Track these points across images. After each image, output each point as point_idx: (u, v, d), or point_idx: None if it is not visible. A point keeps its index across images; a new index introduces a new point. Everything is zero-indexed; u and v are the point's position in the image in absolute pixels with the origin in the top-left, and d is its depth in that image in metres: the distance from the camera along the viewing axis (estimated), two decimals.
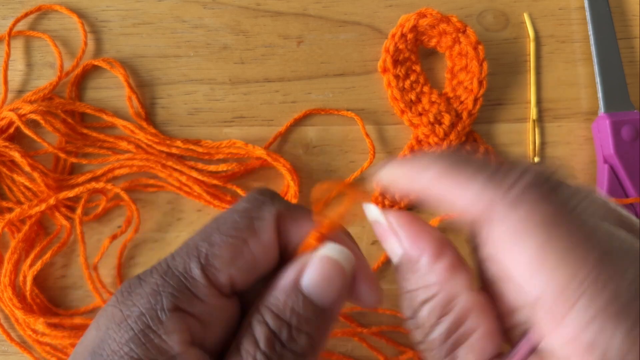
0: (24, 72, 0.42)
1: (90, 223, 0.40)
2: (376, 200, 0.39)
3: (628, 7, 0.43)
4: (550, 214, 0.17)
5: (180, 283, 0.21)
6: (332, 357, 0.38)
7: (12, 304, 0.38)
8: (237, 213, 0.23)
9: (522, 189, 0.18)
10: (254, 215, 0.23)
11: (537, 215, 0.17)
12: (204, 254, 0.22)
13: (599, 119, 0.40)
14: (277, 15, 0.43)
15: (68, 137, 0.40)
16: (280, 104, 0.42)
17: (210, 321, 0.22)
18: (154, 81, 0.42)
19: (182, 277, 0.21)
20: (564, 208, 0.18)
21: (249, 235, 0.22)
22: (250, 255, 0.22)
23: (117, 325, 0.21)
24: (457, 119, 0.39)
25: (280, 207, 0.23)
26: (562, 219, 0.17)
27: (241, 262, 0.22)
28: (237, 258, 0.22)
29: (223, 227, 0.22)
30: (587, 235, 0.17)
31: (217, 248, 0.22)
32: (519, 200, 0.18)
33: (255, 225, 0.23)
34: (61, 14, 0.43)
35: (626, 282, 0.16)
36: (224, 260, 0.22)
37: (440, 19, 0.39)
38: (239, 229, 0.22)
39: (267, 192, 0.24)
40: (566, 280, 0.16)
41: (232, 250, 0.22)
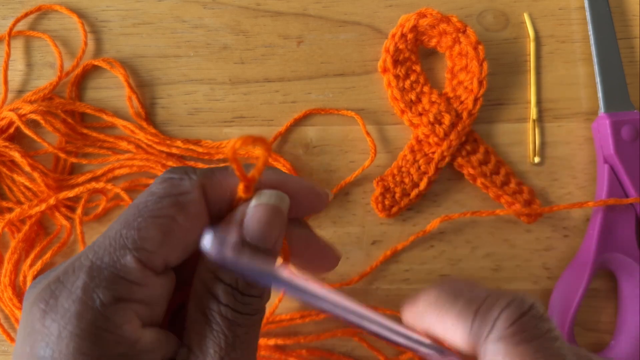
0: (24, 72, 0.42)
1: (90, 223, 0.40)
2: (376, 200, 0.39)
3: (628, 7, 0.43)
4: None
5: (112, 275, 0.21)
6: (332, 357, 0.38)
7: (12, 304, 0.38)
8: (155, 195, 0.22)
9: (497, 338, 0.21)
10: (174, 192, 0.22)
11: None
12: (131, 240, 0.21)
13: (599, 119, 0.40)
14: (277, 15, 0.43)
15: (68, 137, 0.40)
16: (280, 104, 0.42)
17: (153, 301, 0.22)
18: (154, 81, 0.42)
19: (112, 269, 0.21)
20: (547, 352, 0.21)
21: (175, 212, 0.22)
22: (181, 232, 0.22)
23: (58, 338, 0.20)
24: (457, 119, 0.39)
25: (200, 176, 0.23)
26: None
27: (173, 240, 0.22)
28: (168, 237, 0.22)
29: (145, 211, 0.22)
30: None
31: (145, 231, 0.21)
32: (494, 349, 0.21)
33: (180, 200, 0.22)
34: (61, 14, 0.43)
35: None
36: (155, 242, 0.21)
37: (440, 19, 0.39)
38: (163, 207, 0.22)
39: (179, 169, 0.24)
40: None
41: (162, 230, 0.22)
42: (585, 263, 0.38)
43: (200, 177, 0.24)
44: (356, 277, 0.39)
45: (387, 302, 0.39)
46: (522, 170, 0.41)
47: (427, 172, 0.39)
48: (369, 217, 0.40)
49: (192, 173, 0.24)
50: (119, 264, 0.21)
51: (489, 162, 0.40)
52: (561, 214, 0.40)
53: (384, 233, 0.40)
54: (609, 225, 0.38)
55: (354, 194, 0.40)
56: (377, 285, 0.39)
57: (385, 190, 0.39)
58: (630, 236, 0.38)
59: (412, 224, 0.40)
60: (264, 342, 0.38)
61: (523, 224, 0.40)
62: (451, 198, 0.40)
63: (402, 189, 0.39)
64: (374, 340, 0.39)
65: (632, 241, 0.38)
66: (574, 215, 0.40)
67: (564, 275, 0.39)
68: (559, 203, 0.40)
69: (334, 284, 0.39)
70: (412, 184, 0.40)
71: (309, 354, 0.38)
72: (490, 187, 0.39)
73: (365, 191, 0.40)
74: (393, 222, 0.40)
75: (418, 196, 0.40)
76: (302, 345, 0.39)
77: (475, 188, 0.40)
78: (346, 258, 0.40)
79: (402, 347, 0.23)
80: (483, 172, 0.39)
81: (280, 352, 0.38)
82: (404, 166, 0.40)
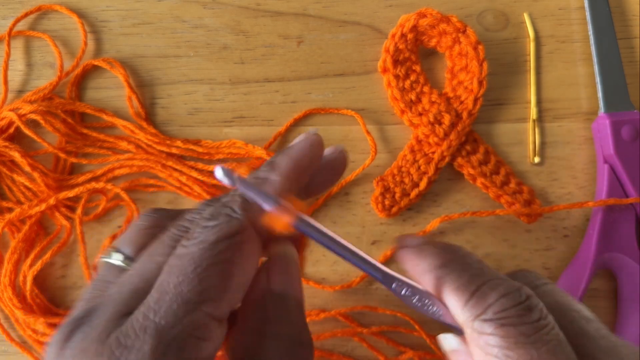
0: (24, 72, 0.42)
1: (90, 223, 0.40)
2: (376, 200, 0.39)
3: (628, 7, 0.43)
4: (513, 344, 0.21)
5: (181, 334, 0.19)
6: (332, 357, 0.38)
7: (12, 304, 0.38)
8: (207, 242, 0.21)
9: (486, 319, 0.21)
10: (226, 234, 0.22)
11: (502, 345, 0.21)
12: (195, 292, 0.20)
13: (599, 119, 0.40)
14: (277, 15, 0.43)
15: (68, 137, 0.40)
16: (280, 104, 0.42)
17: (216, 352, 0.21)
18: (154, 81, 0.42)
19: (181, 326, 0.19)
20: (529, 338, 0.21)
21: (233, 255, 0.21)
22: (241, 273, 0.22)
23: None
24: (457, 119, 0.39)
25: (248, 212, 0.23)
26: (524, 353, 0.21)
27: (235, 284, 0.21)
28: (230, 282, 0.21)
29: (202, 260, 0.21)
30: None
31: (208, 281, 0.20)
32: (489, 327, 0.21)
33: (235, 242, 0.22)
34: (61, 14, 0.43)
35: None
36: (220, 290, 0.21)
37: (440, 19, 0.39)
38: (221, 253, 0.21)
39: (223, 206, 0.23)
40: None
41: (224, 277, 0.21)
42: (585, 263, 0.38)
43: (249, 212, 0.23)
44: (356, 278, 0.39)
45: (388, 303, 0.39)
46: (522, 170, 0.41)
47: (427, 172, 0.39)
48: (369, 217, 0.40)
49: (238, 208, 0.23)
50: (187, 320, 0.20)
51: (489, 162, 0.40)
52: (561, 214, 0.40)
53: (384, 233, 0.40)
54: (609, 225, 0.38)
55: (354, 194, 0.40)
56: (376, 285, 0.39)
57: (385, 190, 0.39)
58: (630, 236, 0.38)
59: (412, 224, 0.40)
60: None
61: (523, 224, 0.40)
62: (451, 198, 0.40)
63: (402, 189, 0.39)
64: (374, 341, 0.39)
65: (632, 241, 0.38)
66: (574, 215, 0.40)
67: (564, 275, 0.39)
68: (559, 203, 0.40)
69: (335, 285, 0.39)
70: (412, 184, 0.40)
71: None
72: (490, 187, 0.39)
73: (365, 191, 0.40)
74: (393, 222, 0.40)
75: (418, 196, 0.40)
76: None
77: (475, 188, 0.40)
78: None
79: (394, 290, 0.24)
80: (483, 172, 0.39)
81: None
82: (404, 166, 0.40)
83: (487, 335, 0.21)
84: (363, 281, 0.39)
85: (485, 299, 0.22)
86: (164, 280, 0.20)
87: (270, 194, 0.23)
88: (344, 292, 0.39)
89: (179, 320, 0.19)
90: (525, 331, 0.21)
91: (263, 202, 0.22)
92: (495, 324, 0.21)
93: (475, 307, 0.22)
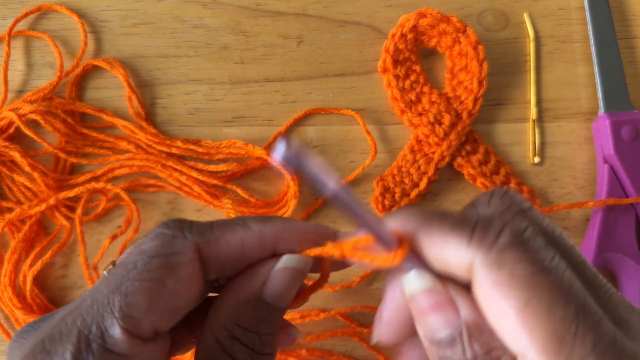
0: (24, 72, 0.42)
1: (90, 223, 0.40)
2: (376, 200, 0.39)
3: (628, 7, 0.43)
4: (529, 274, 0.18)
5: (99, 348, 0.19)
6: (332, 357, 0.38)
7: (12, 304, 0.38)
8: (145, 254, 0.21)
9: (501, 250, 0.19)
10: (165, 251, 0.21)
11: (517, 278, 0.18)
12: (117, 307, 0.20)
13: (599, 119, 0.40)
14: (277, 15, 0.43)
15: (68, 137, 0.40)
16: (280, 104, 0.42)
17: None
18: (154, 81, 0.42)
19: (100, 341, 0.19)
20: (541, 268, 0.19)
21: (165, 274, 0.21)
22: (171, 296, 0.21)
23: None
24: (457, 119, 0.39)
25: (195, 235, 0.22)
26: (540, 280, 0.18)
27: (162, 305, 0.21)
28: (156, 303, 0.20)
29: (133, 273, 0.21)
30: (564, 293, 0.18)
31: (132, 296, 0.20)
32: (499, 261, 0.19)
33: (170, 261, 0.21)
34: (61, 14, 0.43)
35: (602, 332, 0.18)
36: (142, 309, 0.20)
37: (440, 19, 0.39)
38: (151, 270, 0.21)
39: (175, 223, 0.22)
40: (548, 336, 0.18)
41: (149, 296, 0.20)
42: None
43: (196, 235, 0.22)
44: (356, 278, 0.39)
45: None
46: (522, 170, 0.41)
47: (427, 172, 0.39)
48: None
49: (187, 230, 0.22)
50: (107, 335, 0.20)
51: (489, 162, 0.40)
52: (561, 214, 0.40)
53: None
54: (609, 225, 0.38)
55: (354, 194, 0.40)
56: (376, 285, 0.39)
57: (385, 190, 0.39)
58: (630, 236, 0.38)
59: None
60: None
61: None
62: (451, 198, 0.40)
63: (402, 189, 0.39)
64: None
65: (632, 241, 0.38)
66: (574, 215, 0.40)
67: None
68: (559, 203, 0.40)
69: (335, 286, 0.39)
70: (412, 184, 0.40)
71: (308, 354, 0.38)
72: (490, 187, 0.39)
73: (365, 191, 0.40)
74: None
75: (418, 196, 0.40)
76: (302, 345, 0.39)
77: (475, 188, 0.40)
78: None
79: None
80: (483, 172, 0.39)
81: (280, 352, 0.38)
82: (404, 166, 0.40)
83: (511, 265, 0.19)
84: (363, 281, 0.39)
85: (489, 230, 0.19)
86: (99, 285, 0.21)
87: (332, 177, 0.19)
88: (344, 292, 0.39)
89: (100, 334, 0.20)
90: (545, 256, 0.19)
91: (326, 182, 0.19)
92: (517, 249, 0.19)
93: (484, 239, 0.19)
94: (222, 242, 0.22)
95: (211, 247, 0.22)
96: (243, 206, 0.39)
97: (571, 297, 0.18)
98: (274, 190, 0.41)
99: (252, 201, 0.40)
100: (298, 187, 0.39)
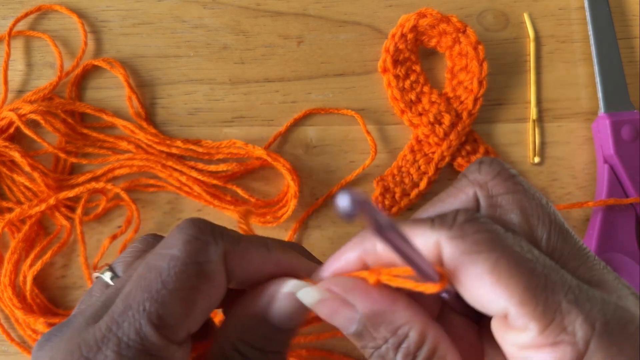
0: (24, 72, 0.42)
1: (90, 223, 0.40)
2: (376, 200, 0.39)
3: (628, 7, 0.43)
4: (490, 238, 0.20)
5: (139, 352, 0.20)
6: (332, 357, 0.38)
7: (12, 304, 0.38)
8: (179, 260, 0.21)
9: (460, 225, 0.21)
10: (200, 259, 0.21)
11: (481, 243, 0.20)
12: (155, 315, 0.20)
13: (599, 119, 0.40)
14: (277, 15, 0.43)
15: (68, 137, 0.40)
16: (280, 104, 0.42)
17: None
18: (154, 81, 0.42)
19: (140, 346, 0.20)
20: (499, 235, 0.20)
21: (200, 282, 0.21)
22: (205, 301, 0.22)
23: None
24: (457, 119, 0.39)
25: (227, 244, 0.22)
26: (503, 242, 0.20)
27: (197, 311, 0.21)
28: (191, 309, 0.21)
29: (169, 281, 0.21)
30: (525, 252, 0.20)
31: (170, 306, 0.20)
32: (461, 232, 0.20)
33: (205, 269, 0.21)
34: (61, 14, 0.43)
35: (567, 281, 0.20)
36: (179, 317, 0.21)
37: (440, 19, 0.39)
38: (189, 278, 0.21)
39: (207, 228, 0.22)
40: (523, 289, 0.19)
41: (186, 305, 0.21)
42: None
43: (227, 244, 0.22)
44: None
45: None
46: (522, 170, 0.41)
47: (427, 172, 0.39)
48: None
49: (219, 237, 0.22)
50: (146, 341, 0.20)
51: None
52: (561, 214, 0.40)
53: None
54: (609, 225, 0.38)
55: None
56: None
57: (385, 190, 0.39)
58: (630, 236, 0.38)
59: None
60: None
61: None
62: None
63: (402, 189, 0.39)
64: None
65: (632, 241, 0.38)
66: (574, 215, 0.40)
67: None
68: (559, 203, 0.40)
69: None
70: (412, 184, 0.40)
71: (309, 354, 0.38)
72: None
73: (365, 191, 0.40)
74: None
75: (418, 196, 0.40)
76: (302, 345, 0.39)
77: None
78: None
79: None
80: None
81: None
82: (404, 166, 0.40)
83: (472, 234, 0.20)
84: None
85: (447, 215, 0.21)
86: (131, 291, 0.21)
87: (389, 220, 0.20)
88: None
89: (139, 339, 0.20)
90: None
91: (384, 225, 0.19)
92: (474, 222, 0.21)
93: (444, 221, 0.21)
94: (247, 256, 0.23)
95: (237, 258, 0.23)
96: (244, 206, 0.39)
97: (533, 256, 0.20)
98: (274, 190, 0.41)
99: (252, 201, 0.40)
100: (298, 187, 0.39)
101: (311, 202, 0.40)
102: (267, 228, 0.40)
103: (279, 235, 0.40)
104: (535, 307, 0.19)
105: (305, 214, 0.40)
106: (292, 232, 0.40)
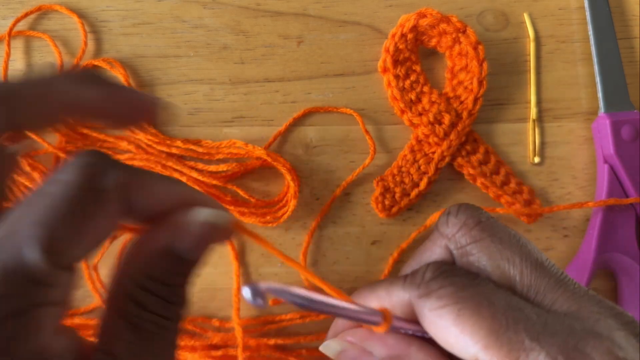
0: (24, 72, 0.42)
1: None
2: (376, 200, 0.39)
3: (628, 7, 0.43)
4: (452, 292, 0.23)
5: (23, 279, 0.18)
6: None
7: None
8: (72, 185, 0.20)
9: (427, 283, 0.24)
10: (95, 186, 0.20)
11: (444, 298, 0.23)
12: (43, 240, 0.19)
13: (599, 119, 0.40)
14: (277, 15, 0.43)
15: (68, 137, 0.40)
16: (280, 104, 0.42)
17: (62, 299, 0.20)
18: (154, 81, 0.42)
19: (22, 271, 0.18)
20: (462, 285, 0.23)
21: (93, 209, 0.20)
22: (97, 230, 0.20)
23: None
24: (457, 119, 0.39)
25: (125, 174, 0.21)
26: (463, 294, 0.23)
27: (87, 239, 0.20)
28: (82, 237, 0.20)
29: (61, 205, 0.19)
30: (486, 298, 0.23)
31: (59, 231, 0.19)
32: (427, 290, 0.24)
33: (98, 197, 0.20)
34: (61, 14, 0.43)
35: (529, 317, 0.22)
36: (68, 243, 0.19)
37: (440, 19, 0.39)
38: (81, 204, 0.20)
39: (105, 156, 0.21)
40: (485, 334, 0.22)
41: (76, 231, 0.19)
42: (585, 263, 0.38)
43: (126, 173, 0.21)
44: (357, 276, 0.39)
45: None
46: (522, 170, 0.41)
47: (427, 172, 0.39)
48: (369, 217, 0.40)
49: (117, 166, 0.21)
50: (31, 265, 0.18)
51: (489, 162, 0.40)
52: (561, 214, 0.40)
53: (384, 233, 0.40)
54: (609, 225, 0.38)
55: (354, 194, 0.40)
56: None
57: (385, 190, 0.39)
58: (630, 236, 0.38)
59: (412, 224, 0.40)
60: (264, 342, 0.38)
61: (523, 224, 0.40)
62: (451, 198, 0.40)
63: (402, 189, 0.39)
64: None
65: (632, 241, 0.38)
66: (574, 215, 0.40)
67: None
68: (559, 203, 0.40)
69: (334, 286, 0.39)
70: (412, 184, 0.40)
71: (309, 354, 0.38)
72: (490, 187, 0.39)
73: (365, 191, 0.40)
74: (393, 222, 0.40)
75: (418, 196, 0.40)
76: (302, 345, 0.39)
77: (475, 188, 0.40)
78: (346, 258, 0.40)
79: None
80: (483, 172, 0.39)
81: (280, 352, 0.38)
82: (404, 166, 0.40)
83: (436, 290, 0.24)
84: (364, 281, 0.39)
85: (417, 273, 0.25)
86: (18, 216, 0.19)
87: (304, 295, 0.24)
88: (344, 292, 0.39)
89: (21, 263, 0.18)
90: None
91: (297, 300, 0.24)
92: (439, 277, 0.24)
93: (414, 280, 0.25)
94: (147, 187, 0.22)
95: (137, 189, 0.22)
96: (244, 206, 0.39)
97: (494, 299, 0.22)
98: (274, 190, 0.41)
99: (252, 201, 0.40)
100: (298, 187, 0.39)
101: (311, 202, 0.40)
102: (267, 228, 0.40)
103: (279, 235, 0.40)
104: (500, 349, 0.21)
105: (320, 215, 0.40)
106: (309, 234, 0.40)
